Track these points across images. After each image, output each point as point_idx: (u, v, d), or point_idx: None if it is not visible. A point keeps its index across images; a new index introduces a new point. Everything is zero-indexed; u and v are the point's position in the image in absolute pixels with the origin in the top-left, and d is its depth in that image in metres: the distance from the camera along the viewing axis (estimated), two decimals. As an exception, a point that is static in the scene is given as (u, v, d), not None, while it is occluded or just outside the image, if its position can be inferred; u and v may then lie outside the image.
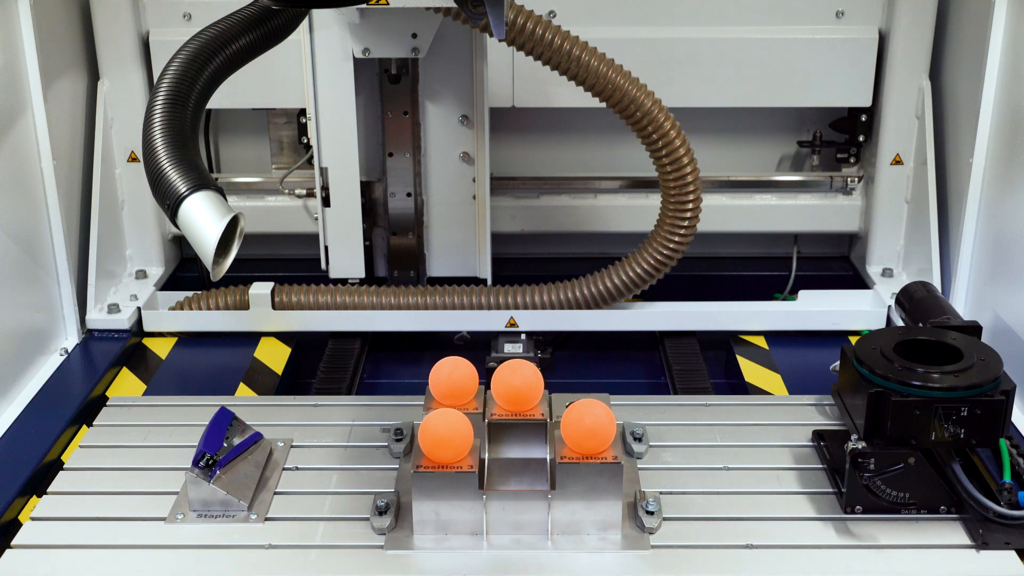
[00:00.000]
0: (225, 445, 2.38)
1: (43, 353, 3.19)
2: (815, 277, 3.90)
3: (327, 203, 3.44)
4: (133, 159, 3.57)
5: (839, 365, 2.52)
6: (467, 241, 3.54)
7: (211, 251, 2.15)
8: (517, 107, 3.62)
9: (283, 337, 3.41)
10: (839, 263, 4.01)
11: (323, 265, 3.55)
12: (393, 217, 3.56)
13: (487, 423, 2.31)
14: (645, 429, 2.61)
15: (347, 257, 3.52)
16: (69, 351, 3.24)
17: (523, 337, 3.34)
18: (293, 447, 2.60)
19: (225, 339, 3.40)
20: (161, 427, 2.71)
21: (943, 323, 2.62)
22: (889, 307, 3.40)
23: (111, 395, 3.04)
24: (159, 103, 2.30)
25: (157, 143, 2.24)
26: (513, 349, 3.29)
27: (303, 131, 3.70)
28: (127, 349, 3.30)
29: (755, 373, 3.21)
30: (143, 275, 3.65)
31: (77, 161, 3.41)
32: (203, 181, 2.21)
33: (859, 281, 3.79)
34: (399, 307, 3.38)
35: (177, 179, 2.19)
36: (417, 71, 3.36)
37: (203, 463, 2.32)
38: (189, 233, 2.19)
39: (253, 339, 3.39)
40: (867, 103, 3.63)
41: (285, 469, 2.52)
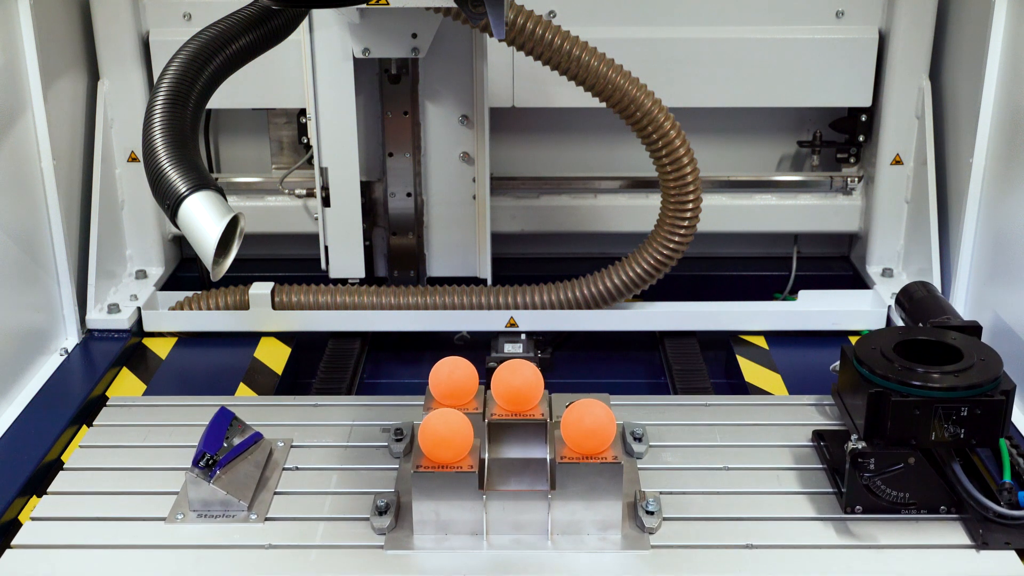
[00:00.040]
0: (225, 445, 2.38)
1: (43, 353, 3.19)
2: (815, 277, 3.90)
3: (327, 203, 3.44)
4: (133, 159, 3.57)
5: (839, 365, 2.52)
6: (467, 241, 3.54)
7: (211, 251, 2.15)
8: (517, 107, 3.62)
9: (283, 337, 3.41)
10: (839, 263, 4.01)
11: (323, 265, 3.55)
12: (393, 217, 3.56)
13: (487, 423, 2.31)
14: (645, 429, 2.61)
15: (347, 257, 3.52)
16: (69, 351, 3.24)
17: (523, 337, 3.34)
18: (293, 447, 2.60)
19: (225, 339, 3.39)
20: (161, 427, 2.71)
21: (943, 323, 2.62)
22: (889, 307, 3.40)
23: (111, 395, 3.04)
24: (159, 103, 2.30)
25: (157, 143, 2.24)
26: (513, 349, 3.29)
27: (303, 131, 3.71)
28: (127, 349, 3.30)
29: (755, 373, 3.21)
30: (143, 275, 3.65)
31: (77, 161, 3.41)
32: (203, 181, 2.21)
33: (859, 281, 3.79)
34: (399, 307, 3.38)
35: (177, 179, 2.20)
36: (417, 71, 3.36)
37: (203, 463, 2.32)
38: (189, 233, 2.19)
39: (253, 339, 3.39)
40: (867, 103, 3.63)
41: (285, 469, 2.52)
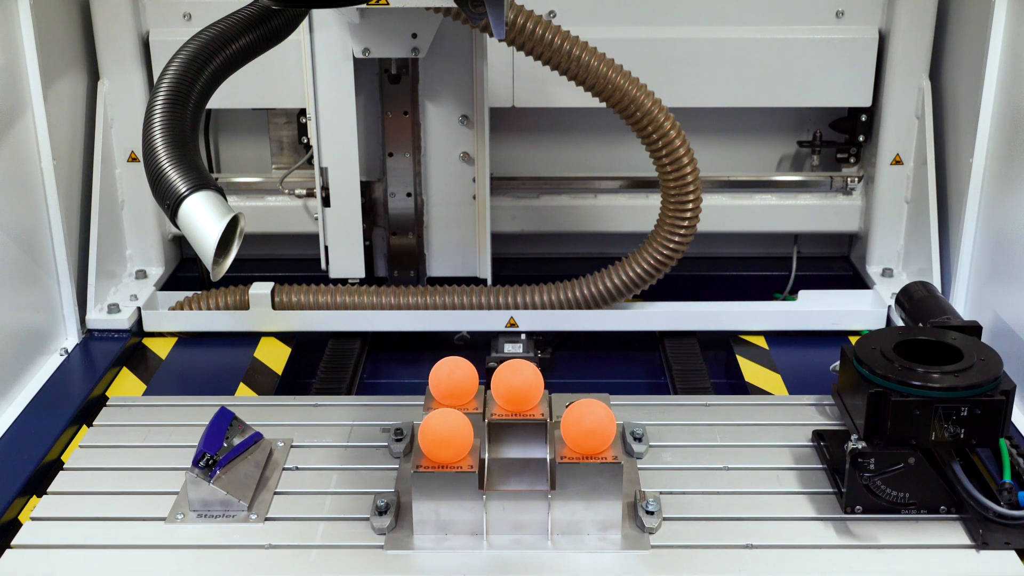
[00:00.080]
0: (225, 445, 2.38)
1: (43, 353, 3.19)
2: (815, 277, 3.90)
3: (327, 203, 3.44)
4: (133, 159, 3.57)
5: (839, 365, 2.52)
6: (467, 241, 3.54)
7: (211, 251, 2.15)
8: (517, 107, 3.62)
9: (283, 337, 3.41)
10: (839, 263, 4.01)
11: (323, 265, 3.55)
12: (393, 217, 3.56)
13: (487, 423, 2.31)
14: (645, 429, 2.61)
15: (347, 257, 3.52)
16: (69, 351, 3.24)
17: (523, 337, 3.34)
18: (293, 447, 2.60)
19: (225, 339, 3.39)
20: (161, 427, 2.71)
21: (943, 323, 2.62)
22: (889, 307, 3.40)
23: (111, 395, 3.04)
24: (159, 103, 2.30)
25: (157, 143, 2.24)
26: (513, 349, 3.29)
27: (303, 131, 3.70)
28: (127, 349, 3.30)
29: (755, 373, 3.21)
30: (143, 275, 3.65)
31: (77, 161, 3.41)
32: (203, 181, 2.21)
33: (859, 281, 3.79)
34: (399, 307, 3.38)
35: (177, 179, 2.20)
36: (417, 71, 3.36)
37: (203, 463, 2.32)
38: (189, 233, 2.19)
39: (253, 339, 3.39)
40: (867, 103, 3.63)
41: (285, 469, 2.52)
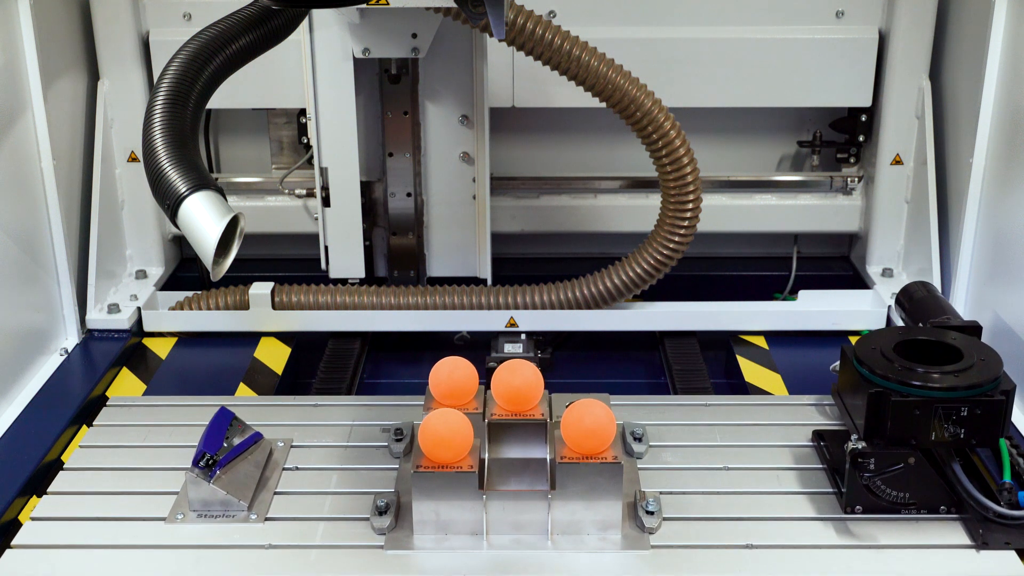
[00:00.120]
0: (225, 445, 2.38)
1: (43, 353, 3.19)
2: (815, 277, 3.90)
3: (327, 203, 3.44)
4: (133, 159, 3.57)
5: (839, 365, 2.52)
6: (467, 241, 3.54)
7: (211, 251, 2.15)
8: (517, 107, 3.62)
9: (283, 337, 3.41)
10: (839, 263, 4.01)
11: (323, 265, 3.55)
12: (393, 217, 3.56)
13: (487, 423, 2.31)
14: (645, 429, 2.61)
15: (347, 257, 3.52)
16: (69, 351, 3.24)
17: (523, 337, 3.34)
18: (293, 447, 2.60)
19: (225, 339, 3.39)
20: (161, 427, 2.71)
21: (943, 323, 2.62)
22: (889, 307, 3.40)
23: (111, 395, 3.04)
24: (159, 103, 2.30)
25: (157, 143, 2.24)
26: (513, 349, 3.29)
27: (303, 131, 3.70)
28: (127, 349, 3.30)
29: (755, 373, 3.21)
30: (143, 275, 3.65)
31: (77, 161, 3.41)
32: (203, 181, 2.21)
33: (859, 281, 3.79)
34: (399, 307, 3.38)
35: (177, 179, 2.20)
36: (417, 71, 3.36)
37: (203, 463, 2.32)
38: (189, 233, 2.19)
39: (253, 339, 3.39)
40: (867, 103, 3.63)
41: (285, 469, 2.52)
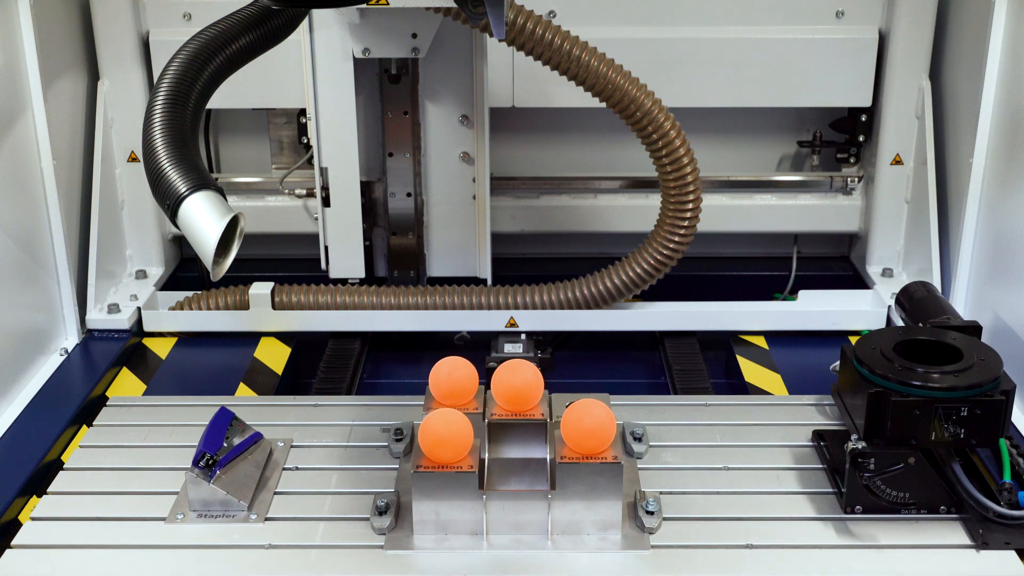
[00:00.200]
0: (225, 445, 2.38)
1: (43, 353, 3.19)
2: (815, 277, 3.90)
3: (327, 203, 3.44)
4: (133, 159, 3.57)
5: (839, 365, 2.52)
6: (467, 241, 3.54)
7: (211, 251, 2.15)
8: (517, 107, 3.62)
9: (283, 337, 3.41)
10: (839, 263, 4.01)
11: (323, 265, 3.55)
12: (393, 217, 3.56)
13: (487, 423, 2.31)
14: (645, 429, 2.61)
15: (347, 257, 3.52)
16: (69, 351, 3.24)
17: (523, 337, 3.34)
18: (293, 447, 2.60)
19: (225, 339, 3.39)
20: (161, 427, 2.71)
21: (943, 323, 2.62)
22: (889, 307, 3.40)
23: (111, 395, 3.04)
24: (159, 103, 2.30)
25: (157, 143, 2.24)
26: (513, 349, 3.29)
27: (303, 131, 3.71)
28: (127, 349, 3.30)
29: (755, 373, 3.21)
30: (143, 275, 3.65)
31: (77, 161, 3.41)
32: (203, 181, 2.21)
33: (859, 281, 3.79)
34: (399, 307, 3.38)
35: (177, 179, 2.20)
36: (417, 71, 3.36)
37: (203, 463, 2.32)
38: (189, 233, 2.19)
39: (253, 339, 3.39)
40: (867, 103, 3.63)
41: (285, 469, 2.52)
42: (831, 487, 2.43)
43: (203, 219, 2.16)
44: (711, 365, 3.34)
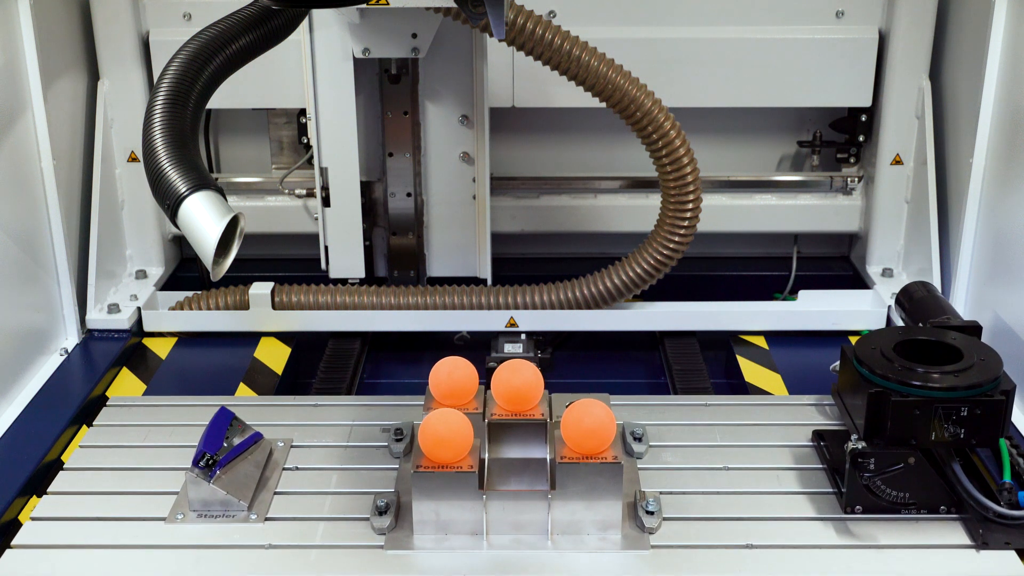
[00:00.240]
0: (225, 445, 2.38)
1: (43, 353, 3.19)
2: (815, 277, 3.90)
3: (327, 203, 3.44)
4: (133, 159, 3.57)
5: (839, 365, 2.52)
6: (467, 241, 3.54)
7: (211, 251, 2.15)
8: (517, 107, 3.62)
9: (283, 337, 3.41)
10: (839, 263, 4.01)
11: (323, 265, 3.55)
12: (393, 217, 3.56)
13: (487, 423, 2.31)
14: (645, 429, 2.61)
15: (347, 257, 3.52)
16: (69, 351, 3.24)
17: (523, 337, 3.34)
18: (293, 447, 2.60)
19: (225, 339, 3.39)
20: (161, 427, 2.71)
21: (943, 323, 2.62)
22: (889, 307, 3.40)
23: (111, 395, 3.04)
24: (159, 103, 2.30)
25: (157, 143, 2.24)
26: (513, 349, 3.29)
27: (303, 131, 3.71)
28: (127, 349, 3.30)
29: (755, 373, 3.21)
30: (143, 275, 3.65)
31: (77, 161, 3.41)
32: (203, 181, 2.21)
33: (859, 281, 3.79)
34: (399, 307, 3.38)
35: (177, 179, 2.20)
36: (417, 71, 3.36)
37: (203, 463, 2.32)
38: (189, 233, 2.19)
39: (253, 339, 3.39)
40: (867, 103, 3.63)
41: (285, 469, 2.52)
42: (831, 487, 2.43)
43: (203, 219, 2.16)
44: (711, 365, 3.34)
